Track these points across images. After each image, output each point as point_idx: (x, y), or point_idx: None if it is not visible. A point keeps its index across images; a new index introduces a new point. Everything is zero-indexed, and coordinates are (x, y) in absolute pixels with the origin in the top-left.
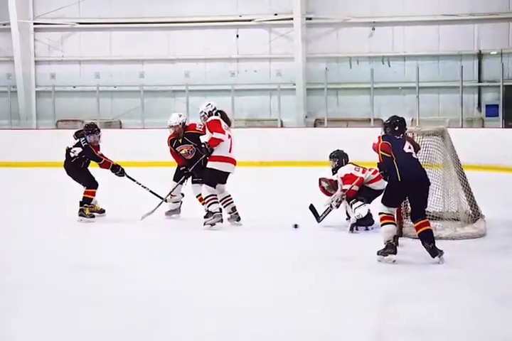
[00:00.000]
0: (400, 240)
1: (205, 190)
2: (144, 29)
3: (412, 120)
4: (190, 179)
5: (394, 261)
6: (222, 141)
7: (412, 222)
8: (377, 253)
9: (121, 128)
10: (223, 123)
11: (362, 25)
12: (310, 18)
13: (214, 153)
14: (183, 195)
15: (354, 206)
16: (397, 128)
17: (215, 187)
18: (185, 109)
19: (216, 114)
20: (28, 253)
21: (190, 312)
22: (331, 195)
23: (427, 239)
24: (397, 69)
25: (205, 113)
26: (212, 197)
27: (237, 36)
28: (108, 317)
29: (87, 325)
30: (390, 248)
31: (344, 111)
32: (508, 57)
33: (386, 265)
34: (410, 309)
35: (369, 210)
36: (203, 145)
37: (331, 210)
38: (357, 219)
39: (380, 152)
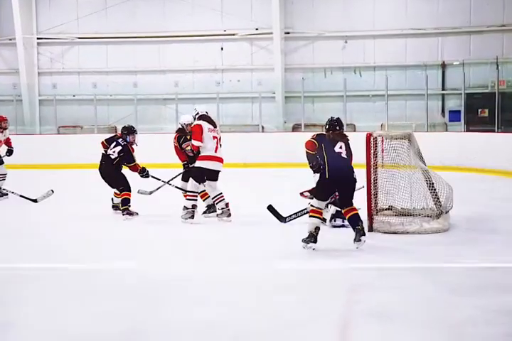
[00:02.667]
0: (370, 234)
1: (190, 184)
2: (137, 43)
3: (382, 125)
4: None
5: (314, 248)
6: (200, 146)
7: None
8: (302, 241)
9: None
10: (207, 126)
11: (336, 39)
12: (288, 33)
13: (201, 154)
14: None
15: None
16: (327, 127)
17: (199, 184)
18: (174, 116)
19: (200, 119)
20: (32, 248)
21: (183, 299)
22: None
23: (355, 221)
24: (367, 78)
25: (194, 117)
26: (193, 193)
27: (222, 49)
28: (108, 303)
29: (86, 311)
30: (312, 237)
31: (319, 117)
32: (469, 67)
33: (354, 257)
34: (374, 297)
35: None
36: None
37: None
38: (336, 211)
39: (305, 149)
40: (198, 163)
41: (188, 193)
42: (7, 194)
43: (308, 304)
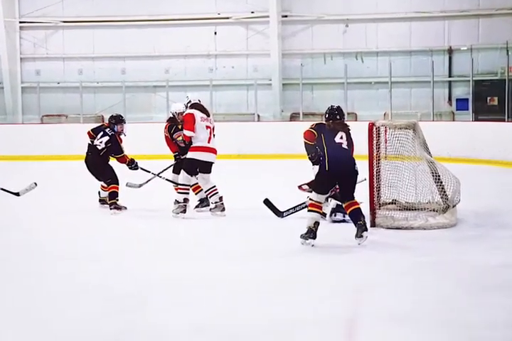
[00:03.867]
0: (372, 230)
1: (181, 177)
2: (126, 27)
3: (385, 114)
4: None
5: (313, 245)
6: (192, 137)
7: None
8: (300, 237)
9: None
10: (200, 115)
11: (336, 23)
12: (286, 16)
13: (193, 144)
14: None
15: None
16: (327, 116)
17: (191, 176)
18: (165, 105)
19: (192, 107)
20: (15, 244)
21: (176, 299)
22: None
23: (357, 216)
24: (370, 64)
25: (185, 106)
26: (184, 186)
27: (216, 33)
28: (98, 302)
29: (70, 311)
30: (311, 233)
31: (319, 105)
32: (478, 53)
33: (356, 254)
34: (382, 297)
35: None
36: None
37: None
38: (337, 205)
39: (303, 139)
40: (189, 154)
41: (179, 186)
42: None
43: (308, 304)
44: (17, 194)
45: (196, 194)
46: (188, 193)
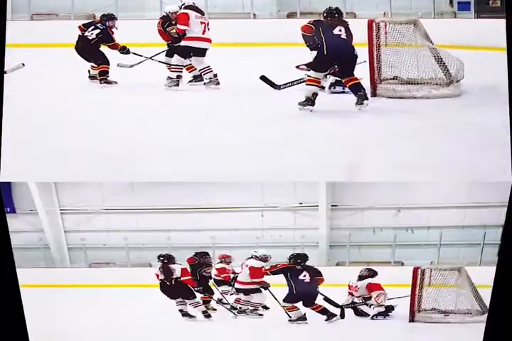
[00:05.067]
0: (374, 99)
1: (174, 59)
2: None
3: (384, 13)
4: None
5: (311, 110)
6: (185, 30)
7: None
8: (298, 104)
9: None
10: (193, 14)
11: None
12: None
13: (187, 35)
14: None
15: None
16: (325, 15)
17: (185, 59)
18: (159, 7)
19: (185, 8)
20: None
21: (171, 157)
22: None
23: (358, 88)
24: None
25: (179, 7)
26: (177, 66)
27: None
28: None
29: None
30: (309, 101)
31: (317, 6)
32: None
33: (357, 118)
34: (385, 154)
35: None
36: None
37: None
38: (336, 80)
39: (301, 32)
40: (183, 43)
41: (172, 66)
42: None
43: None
44: (3, 72)
45: (190, 72)
46: (181, 71)
